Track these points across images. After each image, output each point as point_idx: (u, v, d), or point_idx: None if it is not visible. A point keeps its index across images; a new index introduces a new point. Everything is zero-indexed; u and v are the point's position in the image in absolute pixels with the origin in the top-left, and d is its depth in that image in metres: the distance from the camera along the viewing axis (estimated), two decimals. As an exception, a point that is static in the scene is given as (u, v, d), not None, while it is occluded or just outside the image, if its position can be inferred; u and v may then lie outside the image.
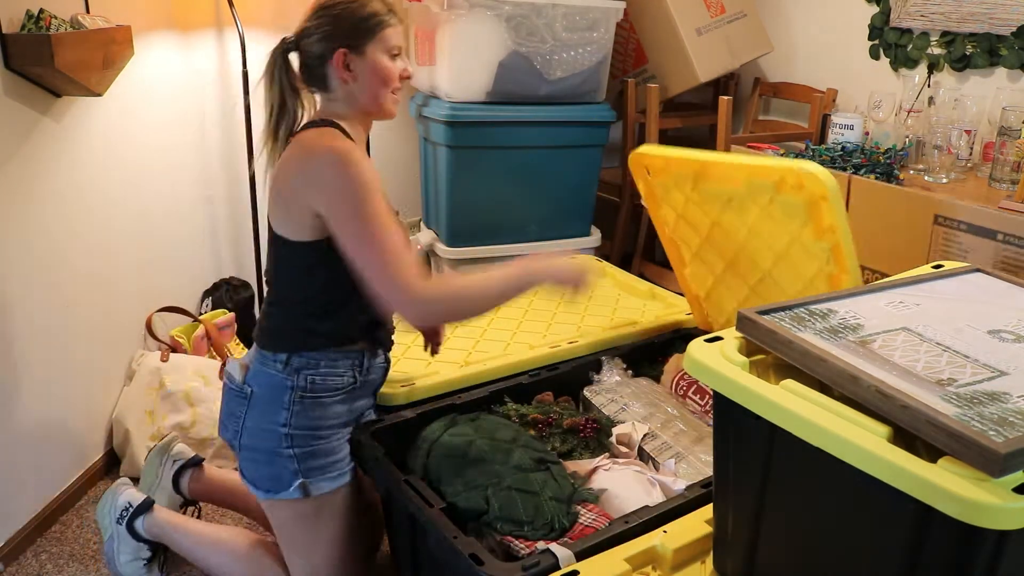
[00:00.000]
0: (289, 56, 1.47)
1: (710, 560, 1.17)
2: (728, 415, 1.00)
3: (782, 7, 3.12)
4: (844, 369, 0.90)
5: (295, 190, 1.39)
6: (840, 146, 2.27)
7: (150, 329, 2.31)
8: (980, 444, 0.75)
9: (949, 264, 1.28)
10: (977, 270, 1.24)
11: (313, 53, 1.45)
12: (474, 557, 1.19)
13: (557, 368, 1.80)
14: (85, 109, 2.03)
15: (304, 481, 1.46)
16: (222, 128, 2.68)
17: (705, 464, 1.50)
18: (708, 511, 1.23)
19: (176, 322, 2.45)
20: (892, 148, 2.18)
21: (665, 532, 1.23)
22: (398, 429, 1.54)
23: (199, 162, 2.60)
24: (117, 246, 2.20)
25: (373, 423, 1.55)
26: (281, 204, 1.42)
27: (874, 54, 2.82)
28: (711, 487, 1.15)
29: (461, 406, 1.62)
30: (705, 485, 1.36)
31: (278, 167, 1.44)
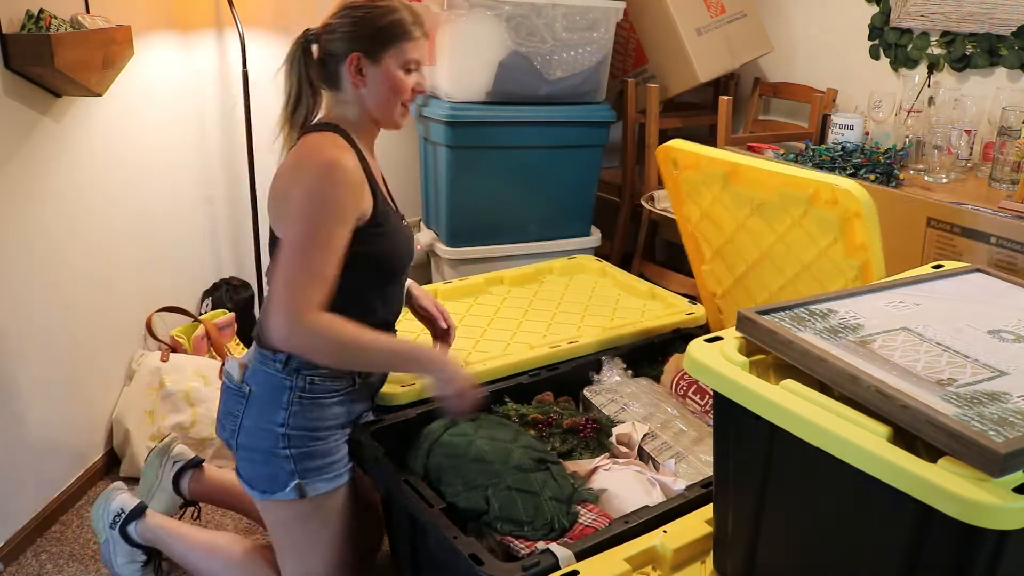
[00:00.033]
0: (311, 48, 1.46)
1: (710, 560, 1.17)
2: (728, 415, 1.00)
3: (782, 7, 3.12)
4: (844, 369, 0.90)
5: (287, 193, 1.39)
6: (840, 146, 2.27)
7: (150, 329, 2.31)
8: (980, 444, 0.75)
9: (949, 264, 1.28)
10: (977, 270, 1.24)
11: (330, 51, 1.44)
12: (474, 557, 1.19)
13: (557, 368, 1.80)
14: (85, 109, 2.03)
15: (300, 482, 1.45)
16: (222, 128, 2.68)
17: (705, 464, 1.50)
18: (708, 511, 1.23)
19: (176, 322, 2.45)
20: (892, 148, 2.17)
21: (665, 532, 1.23)
22: (398, 429, 1.54)
23: (199, 162, 2.60)
24: (117, 246, 2.19)
25: (373, 423, 1.55)
26: (278, 207, 1.43)
27: (874, 54, 2.82)
28: (711, 487, 1.15)
29: (461, 406, 1.62)
30: (705, 485, 1.36)
31: (278, 170, 1.44)
